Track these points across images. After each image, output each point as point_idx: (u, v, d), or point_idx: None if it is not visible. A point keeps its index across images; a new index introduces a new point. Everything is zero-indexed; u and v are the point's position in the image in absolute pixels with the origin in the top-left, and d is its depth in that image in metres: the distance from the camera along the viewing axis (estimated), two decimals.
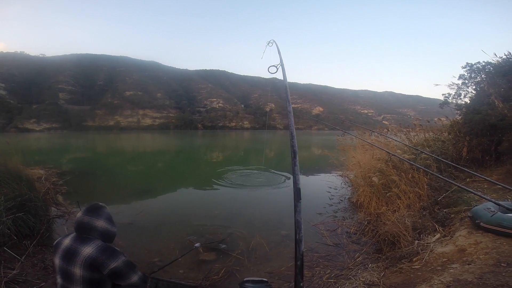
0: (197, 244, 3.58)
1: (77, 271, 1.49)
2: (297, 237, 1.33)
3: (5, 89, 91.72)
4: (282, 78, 2.13)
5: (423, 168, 2.11)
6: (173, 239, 4.24)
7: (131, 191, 7.75)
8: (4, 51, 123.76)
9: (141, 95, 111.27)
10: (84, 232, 1.58)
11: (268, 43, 2.56)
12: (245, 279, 1.57)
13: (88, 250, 1.51)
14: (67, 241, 1.57)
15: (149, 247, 3.96)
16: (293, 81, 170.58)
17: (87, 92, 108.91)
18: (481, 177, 2.09)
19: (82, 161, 15.17)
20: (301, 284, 1.27)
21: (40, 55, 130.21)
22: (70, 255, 1.52)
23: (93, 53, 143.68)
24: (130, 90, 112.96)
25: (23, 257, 3.12)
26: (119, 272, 1.54)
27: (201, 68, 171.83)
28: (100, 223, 1.61)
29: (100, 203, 1.70)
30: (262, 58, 2.49)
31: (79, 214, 1.62)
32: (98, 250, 1.52)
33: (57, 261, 1.55)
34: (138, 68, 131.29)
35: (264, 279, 1.57)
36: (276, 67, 2.11)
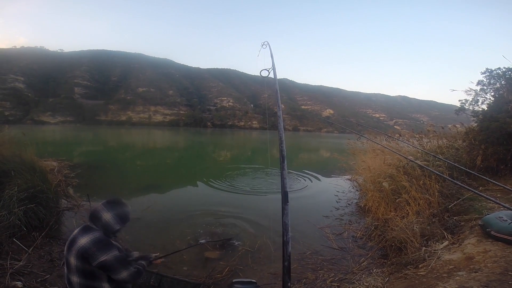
0: (202, 240, 3.60)
1: (72, 260, 1.54)
2: (285, 238, 1.36)
3: (24, 82, 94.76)
4: (275, 82, 2.14)
5: (437, 173, 2.05)
6: (179, 236, 4.27)
7: (140, 186, 7.86)
8: (25, 46, 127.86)
9: (153, 92, 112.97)
10: (91, 219, 1.66)
11: (262, 45, 2.52)
12: (233, 280, 1.59)
13: (83, 240, 1.55)
14: (75, 232, 1.65)
15: (154, 242, 4.00)
16: (303, 82, 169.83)
17: (102, 87, 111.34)
18: (497, 184, 2.03)
19: (93, 155, 15.48)
20: (289, 284, 1.28)
21: (59, 50, 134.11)
22: (70, 244, 1.58)
23: (109, 49, 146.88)
24: (143, 87, 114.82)
25: (30, 249, 3.16)
26: (108, 266, 1.56)
27: (213, 67, 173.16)
28: (107, 216, 1.66)
29: (122, 200, 1.77)
30: (258, 55, 2.48)
31: (100, 203, 1.73)
32: (92, 241, 1.55)
33: (65, 252, 1.63)
34: (152, 65, 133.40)
35: (253, 280, 1.57)
36: (268, 70, 2.12)
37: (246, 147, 28.12)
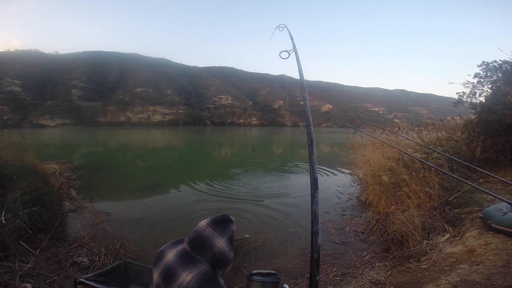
0: None
1: None
2: (314, 229, 1.23)
3: (20, 86, 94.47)
4: (297, 64, 1.95)
5: (435, 167, 2.05)
6: (182, 234, 4.29)
7: (141, 186, 7.88)
8: (19, 49, 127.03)
9: (151, 92, 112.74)
10: (196, 248, 1.31)
11: (278, 27, 2.25)
12: (253, 272, 1.49)
13: (187, 278, 1.22)
14: (170, 256, 1.34)
15: (158, 241, 4.02)
16: None
17: (99, 89, 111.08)
18: (495, 177, 2.05)
19: (94, 156, 15.49)
20: (317, 278, 1.19)
21: (54, 53, 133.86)
22: (168, 276, 1.27)
23: (105, 50, 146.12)
24: (141, 87, 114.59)
25: (37, 251, 3.19)
26: None
27: (211, 65, 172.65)
28: (221, 243, 1.29)
29: (231, 217, 1.38)
30: (270, 39, 2.24)
31: (202, 223, 1.34)
32: (199, 281, 1.21)
33: (155, 276, 1.33)
34: (149, 65, 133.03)
35: (273, 272, 1.49)
36: (288, 52, 1.90)
37: (246, 144, 28.14)
